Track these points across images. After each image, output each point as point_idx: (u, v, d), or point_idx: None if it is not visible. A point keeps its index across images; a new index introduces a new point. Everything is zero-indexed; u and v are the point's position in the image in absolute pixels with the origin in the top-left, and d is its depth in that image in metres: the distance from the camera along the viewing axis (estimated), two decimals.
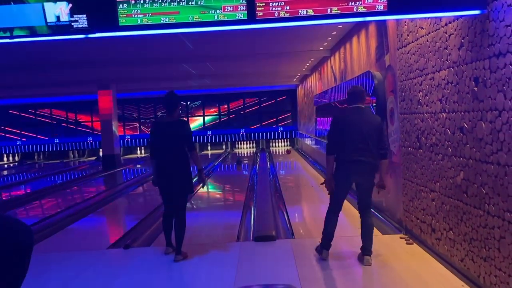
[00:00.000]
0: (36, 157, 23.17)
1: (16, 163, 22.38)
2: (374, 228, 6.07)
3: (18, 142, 22.69)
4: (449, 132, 4.03)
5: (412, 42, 4.88)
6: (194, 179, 5.26)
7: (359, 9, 3.54)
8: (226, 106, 23.15)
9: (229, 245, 5.36)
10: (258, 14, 3.58)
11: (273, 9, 3.58)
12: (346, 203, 8.42)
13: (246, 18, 3.57)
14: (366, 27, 7.14)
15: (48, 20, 3.66)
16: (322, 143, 12.42)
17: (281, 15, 3.60)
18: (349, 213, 7.47)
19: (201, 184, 4.77)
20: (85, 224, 7.89)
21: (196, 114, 23.07)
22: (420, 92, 4.67)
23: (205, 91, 21.33)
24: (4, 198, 11.66)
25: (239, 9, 3.56)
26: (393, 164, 5.74)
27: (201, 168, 4.98)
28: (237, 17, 3.57)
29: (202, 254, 4.91)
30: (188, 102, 22.51)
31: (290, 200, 8.76)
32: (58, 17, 3.66)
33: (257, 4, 3.56)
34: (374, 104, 6.33)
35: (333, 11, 3.57)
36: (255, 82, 19.04)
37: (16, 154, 23.32)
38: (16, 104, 22.22)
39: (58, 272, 4.65)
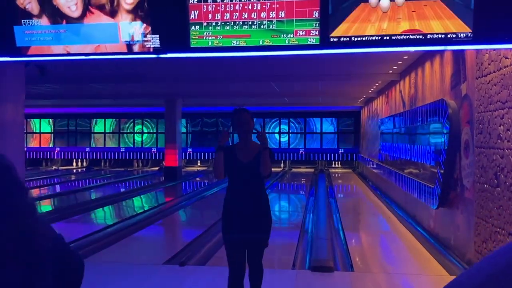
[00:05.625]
0: (102, 164, 24.17)
1: (84, 169, 23.46)
2: (440, 267, 5.70)
3: (87, 149, 23.80)
4: None
5: (494, 72, 4.55)
6: None
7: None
8: (286, 124, 23.11)
9: (285, 273, 5.20)
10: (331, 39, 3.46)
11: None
12: (407, 234, 8.07)
13: (318, 43, 3.47)
14: (441, 53, 6.81)
15: (123, 39, 3.75)
16: (384, 168, 11.97)
17: (353, 40, 3.46)
18: (413, 247, 7.08)
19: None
20: (144, 235, 8.02)
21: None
22: (501, 126, 4.33)
23: (265, 109, 21.34)
24: (71, 202, 12.19)
25: (311, 34, 3.46)
26: (466, 200, 5.36)
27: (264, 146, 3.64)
28: (309, 42, 3.47)
29: None
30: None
31: (349, 226, 8.45)
32: (132, 36, 3.73)
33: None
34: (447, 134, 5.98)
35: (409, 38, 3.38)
36: (317, 102, 18.83)
37: (85, 160, 24.46)
38: (87, 113, 23.35)
39: (115, 284, 4.71)
